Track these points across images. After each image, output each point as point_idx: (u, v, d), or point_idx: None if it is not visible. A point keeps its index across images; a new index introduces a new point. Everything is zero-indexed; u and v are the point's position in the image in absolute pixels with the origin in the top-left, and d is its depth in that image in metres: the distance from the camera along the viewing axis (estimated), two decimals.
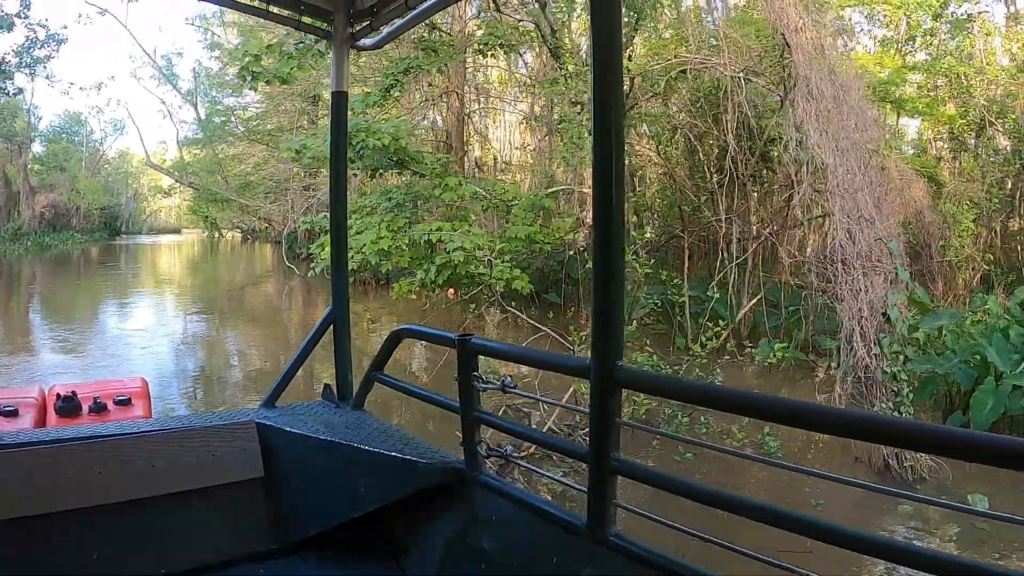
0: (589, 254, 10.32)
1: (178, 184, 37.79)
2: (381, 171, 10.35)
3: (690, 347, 8.17)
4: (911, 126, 21.87)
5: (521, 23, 10.79)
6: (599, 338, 1.75)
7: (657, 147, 11.40)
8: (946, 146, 21.69)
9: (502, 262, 9.09)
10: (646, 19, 10.88)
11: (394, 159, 9.61)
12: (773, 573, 1.42)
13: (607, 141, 1.67)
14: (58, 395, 3.43)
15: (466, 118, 18.25)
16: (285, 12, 2.89)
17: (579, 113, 10.18)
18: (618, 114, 1.67)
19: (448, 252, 8.38)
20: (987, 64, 21.01)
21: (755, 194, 10.62)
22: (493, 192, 10.46)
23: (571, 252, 11.21)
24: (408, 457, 2.31)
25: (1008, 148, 19.97)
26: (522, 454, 4.91)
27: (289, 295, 18.89)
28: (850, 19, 20.08)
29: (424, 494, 2.30)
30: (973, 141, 19.24)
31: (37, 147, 42.94)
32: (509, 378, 2.16)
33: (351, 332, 3.05)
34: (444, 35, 11.51)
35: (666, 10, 11.82)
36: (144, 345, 11.80)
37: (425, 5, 2.63)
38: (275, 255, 24.04)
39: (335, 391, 3.05)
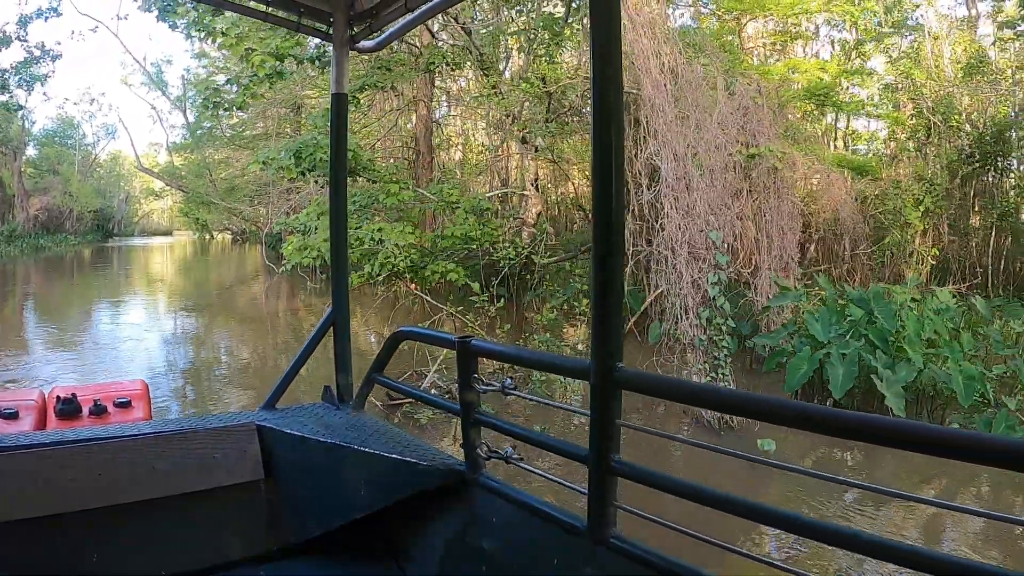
0: (538, 252, 11.78)
1: (169, 187, 39.25)
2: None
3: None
4: (878, 127, 23.29)
5: (457, 45, 12.24)
6: (598, 340, 1.78)
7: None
8: (897, 146, 23.17)
9: (441, 257, 10.56)
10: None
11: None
12: (773, 573, 1.48)
13: (606, 153, 1.71)
14: (58, 397, 3.46)
15: (435, 125, 19.69)
16: (285, 14, 2.94)
17: (512, 123, 11.64)
18: (618, 129, 1.71)
19: (387, 248, 9.84)
20: (936, 67, 22.53)
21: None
22: (439, 195, 11.91)
23: (516, 250, 12.64)
24: (408, 459, 2.34)
25: (961, 148, 21.48)
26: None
27: (271, 293, 20.35)
28: (806, 26, 21.47)
29: (425, 496, 2.33)
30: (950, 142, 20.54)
31: (31, 151, 44.43)
32: (510, 379, 2.17)
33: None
34: (401, 55, 12.94)
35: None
36: (134, 338, 13.21)
37: (425, 7, 2.68)
38: (263, 256, 25.51)
39: (335, 393, 3.08)
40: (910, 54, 22.37)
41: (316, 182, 14.01)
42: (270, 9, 2.85)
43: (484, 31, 12.12)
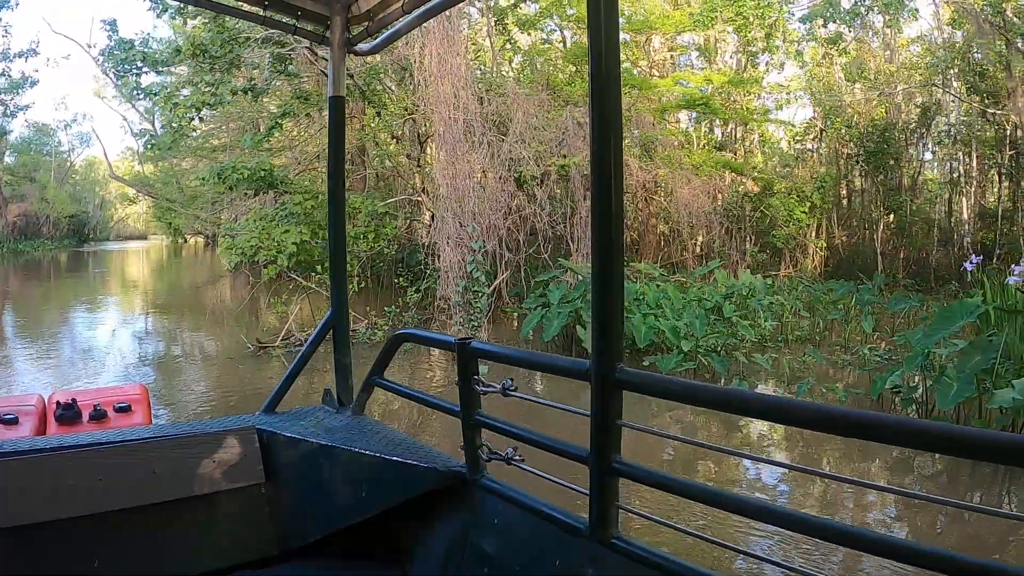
0: (425, 247, 14.90)
1: (140, 194, 42.27)
2: (258, 191, 14.99)
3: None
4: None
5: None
6: (598, 340, 1.82)
7: None
8: (786, 148, 26.26)
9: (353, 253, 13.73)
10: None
11: (265, 182, 14.20)
12: (776, 572, 1.60)
13: (605, 158, 1.76)
14: (58, 403, 3.53)
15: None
16: (282, 18, 3.03)
17: (397, 142, 14.86)
18: (617, 134, 1.76)
19: (292, 246, 12.99)
20: (828, 75, 25.62)
21: None
22: (349, 203, 15.09)
23: (412, 246, 15.80)
24: (409, 461, 2.41)
25: (849, 149, 24.59)
26: None
27: (231, 291, 23.55)
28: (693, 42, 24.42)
29: (426, 498, 2.39)
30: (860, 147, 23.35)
31: (8, 158, 47.15)
32: (509, 380, 2.20)
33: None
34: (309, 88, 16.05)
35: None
36: (108, 331, 15.86)
37: (423, 8, 2.75)
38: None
39: (335, 396, 3.15)
40: (819, 63, 25.36)
41: (266, 192, 17.18)
42: (267, 13, 2.95)
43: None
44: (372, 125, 14.76)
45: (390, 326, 11.61)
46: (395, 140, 15.80)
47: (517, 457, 2.20)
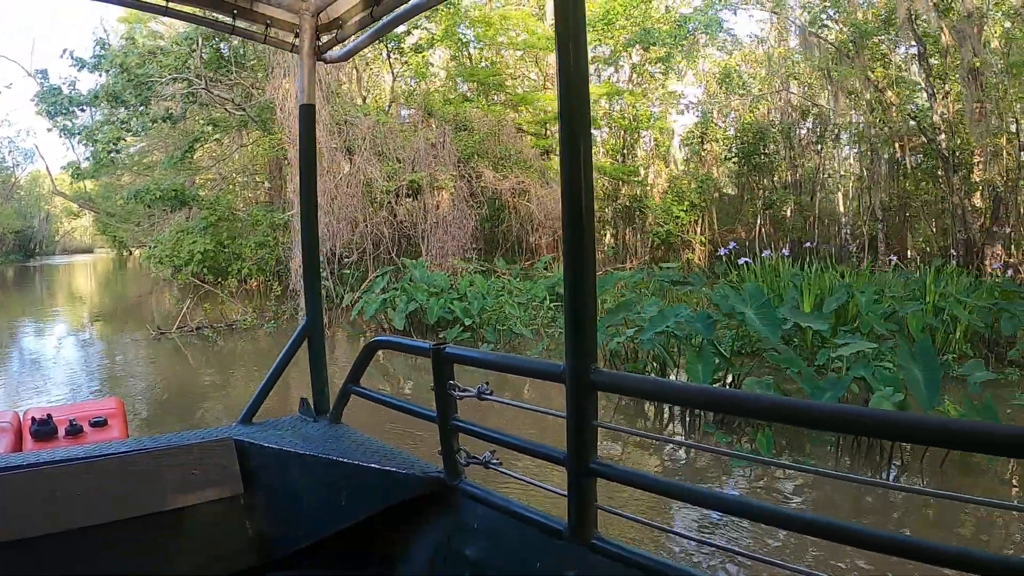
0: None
1: (82, 209, 44.48)
2: (174, 208, 18.06)
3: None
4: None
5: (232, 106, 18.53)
6: (573, 342, 1.85)
7: None
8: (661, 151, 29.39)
9: (240, 259, 16.82)
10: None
11: (178, 200, 17.23)
12: (759, 569, 1.65)
13: (575, 165, 1.81)
14: (33, 419, 3.58)
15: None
16: (252, 27, 3.11)
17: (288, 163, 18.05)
18: (587, 142, 1.82)
19: (198, 254, 16.07)
20: (707, 83, 28.92)
21: None
22: (251, 216, 18.13)
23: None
24: (388, 468, 2.48)
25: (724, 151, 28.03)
26: None
27: (155, 297, 26.30)
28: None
29: (406, 505, 2.45)
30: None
31: None
32: (485, 384, 2.25)
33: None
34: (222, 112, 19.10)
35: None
36: (53, 339, 18.35)
37: (390, 16, 2.86)
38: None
39: (312, 405, 3.24)
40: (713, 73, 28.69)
41: (180, 209, 20.10)
42: (237, 23, 3.04)
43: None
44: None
45: (271, 314, 14.75)
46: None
47: (495, 461, 2.27)
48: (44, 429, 3.52)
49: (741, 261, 13.06)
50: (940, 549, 1.31)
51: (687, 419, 7.28)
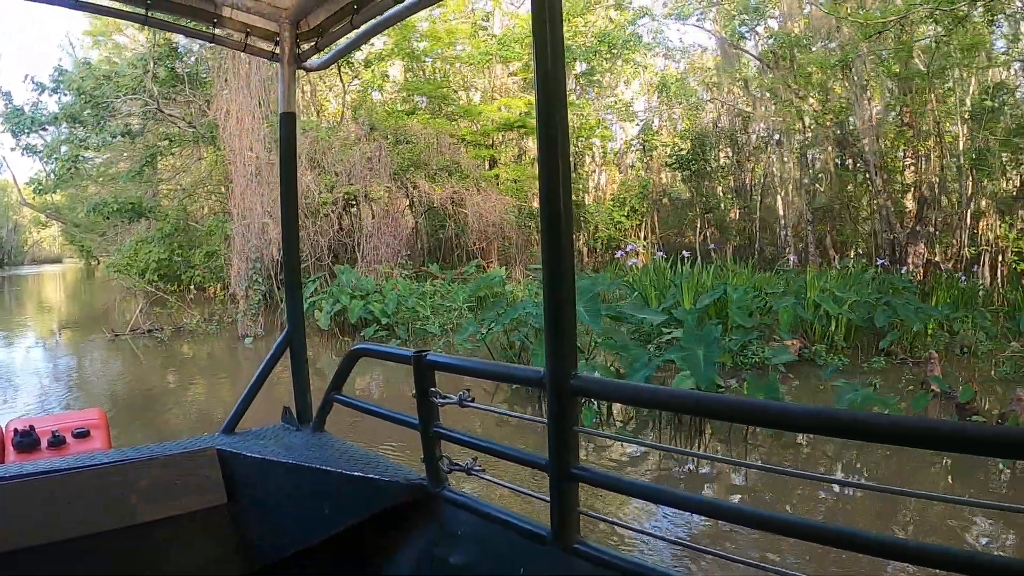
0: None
1: (50, 219, 45.40)
2: (131, 219, 19.42)
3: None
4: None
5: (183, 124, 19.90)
6: (553, 348, 1.89)
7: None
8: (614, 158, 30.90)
9: (193, 266, 18.22)
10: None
11: (135, 212, 18.59)
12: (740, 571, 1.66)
13: (553, 172, 1.86)
14: (15, 430, 3.56)
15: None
16: (231, 35, 3.15)
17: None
18: (564, 150, 1.87)
19: (152, 263, 17.47)
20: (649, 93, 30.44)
21: None
22: (205, 226, 19.53)
23: None
24: (370, 476, 2.50)
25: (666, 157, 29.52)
26: None
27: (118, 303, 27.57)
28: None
29: (389, 512, 2.47)
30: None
31: None
32: (466, 391, 2.28)
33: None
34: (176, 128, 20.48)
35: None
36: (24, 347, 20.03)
37: (370, 24, 2.89)
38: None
39: (294, 414, 3.27)
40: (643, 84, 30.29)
41: (146, 218, 21.34)
42: (217, 32, 3.06)
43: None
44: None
45: (217, 317, 16.18)
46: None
47: (478, 467, 2.31)
48: (26, 440, 3.50)
49: (630, 263, 14.79)
50: (925, 549, 1.39)
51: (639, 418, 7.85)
